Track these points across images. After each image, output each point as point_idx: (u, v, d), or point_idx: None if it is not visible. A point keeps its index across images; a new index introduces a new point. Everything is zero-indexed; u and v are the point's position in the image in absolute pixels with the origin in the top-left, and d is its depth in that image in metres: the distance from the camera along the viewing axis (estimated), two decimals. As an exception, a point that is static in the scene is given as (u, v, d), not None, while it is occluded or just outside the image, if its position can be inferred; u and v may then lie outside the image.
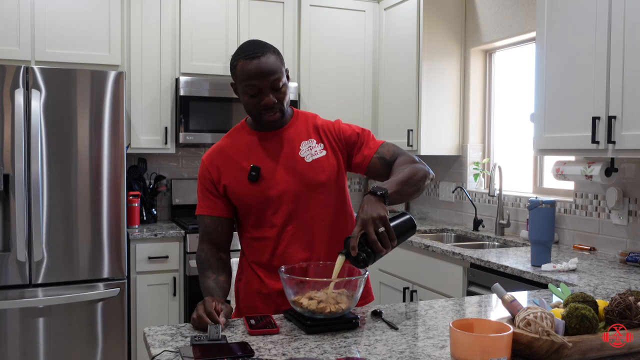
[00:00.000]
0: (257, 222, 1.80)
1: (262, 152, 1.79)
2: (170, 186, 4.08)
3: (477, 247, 3.36)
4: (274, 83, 1.70)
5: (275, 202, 1.76)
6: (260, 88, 1.70)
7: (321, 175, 1.78)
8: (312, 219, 1.78)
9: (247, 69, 1.69)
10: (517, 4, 3.45)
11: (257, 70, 1.68)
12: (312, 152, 1.80)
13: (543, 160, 3.42)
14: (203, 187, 1.83)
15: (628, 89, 2.30)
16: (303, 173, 1.77)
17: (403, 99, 3.94)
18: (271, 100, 1.71)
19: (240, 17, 3.92)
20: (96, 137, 3.21)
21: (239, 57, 1.71)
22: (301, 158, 1.79)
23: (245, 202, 1.78)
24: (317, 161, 1.79)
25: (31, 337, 3.10)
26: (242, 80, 1.71)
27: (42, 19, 3.46)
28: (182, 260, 3.54)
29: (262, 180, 1.76)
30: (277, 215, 1.77)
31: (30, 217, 3.07)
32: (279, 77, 1.71)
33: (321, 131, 1.84)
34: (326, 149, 1.82)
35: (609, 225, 2.85)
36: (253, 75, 1.68)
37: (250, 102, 1.73)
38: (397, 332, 1.49)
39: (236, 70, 1.73)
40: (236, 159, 1.79)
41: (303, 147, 1.80)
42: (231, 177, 1.78)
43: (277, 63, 1.71)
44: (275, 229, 1.78)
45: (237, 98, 3.84)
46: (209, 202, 1.81)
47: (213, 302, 1.53)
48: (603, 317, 1.39)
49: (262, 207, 1.77)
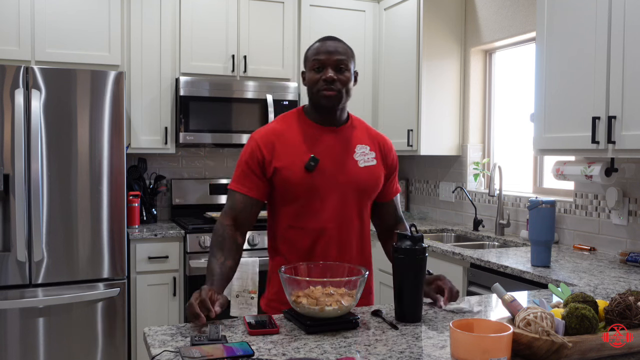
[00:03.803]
0: (299, 211, 1.80)
1: (321, 144, 1.81)
2: (170, 186, 4.08)
3: (477, 247, 3.36)
4: (339, 63, 1.78)
5: (323, 197, 1.79)
6: (325, 63, 1.78)
7: (369, 183, 1.85)
8: (351, 222, 1.84)
9: (319, 47, 1.81)
10: (517, 4, 3.45)
11: (327, 48, 1.79)
12: (365, 158, 1.86)
13: (543, 160, 3.42)
14: (246, 165, 1.80)
15: (628, 89, 2.30)
16: (354, 176, 1.82)
17: (403, 99, 3.94)
18: (332, 76, 1.76)
19: (240, 17, 3.92)
20: (96, 137, 3.21)
21: (316, 42, 1.84)
22: (355, 161, 1.84)
23: (294, 189, 1.78)
24: (368, 168, 1.86)
25: (31, 337, 3.10)
26: (312, 56, 1.81)
27: (42, 19, 3.46)
28: (182, 260, 3.54)
29: (317, 172, 1.78)
30: (322, 210, 1.79)
31: (30, 217, 3.07)
32: (346, 60, 1.80)
33: (375, 141, 1.92)
34: (377, 159, 1.89)
35: (609, 225, 2.85)
36: (322, 51, 1.79)
37: (313, 77, 1.79)
38: (397, 332, 1.49)
39: (308, 53, 1.84)
40: (296, 144, 1.80)
41: (358, 151, 1.85)
42: (287, 160, 1.78)
43: (348, 52, 1.82)
44: (317, 223, 1.80)
45: (237, 98, 3.87)
46: (248, 182, 1.79)
47: (209, 292, 1.55)
48: (603, 317, 1.39)
49: (308, 199, 1.79)
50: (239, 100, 3.85)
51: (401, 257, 1.56)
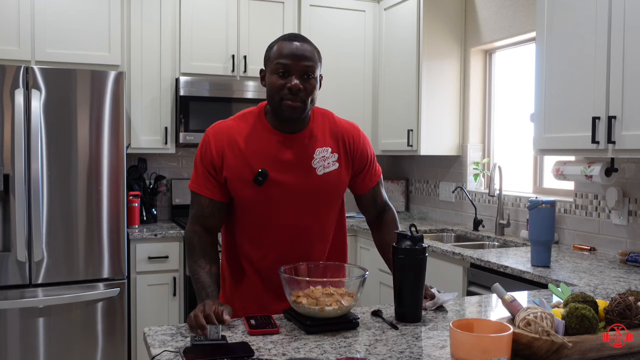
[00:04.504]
0: (252, 222, 1.76)
1: (275, 154, 1.70)
2: (170, 186, 4.08)
3: (477, 247, 3.36)
4: (306, 69, 1.64)
5: (275, 209, 1.72)
6: (290, 69, 1.63)
7: (327, 190, 1.75)
8: (309, 231, 1.77)
9: (283, 48, 1.64)
10: (517, 4, 3.45)
11: (294, 51, 1.63)
12: (325, 164, 1.74)
13: (543, 160, 3.42)
14: (204, 167, 1.72)
15: (628, 89, 2.30)
16: (310, 186, 1.72)
17: (403, 99, 3.94)
18: (297, 85, 1.62)
19: (240, 17, 3.92)
20: (96, 137, 3.21)
21: (278, 40, 1.68)
22: (312, 169, 1.72)
23: (244, 201, 1.73)
24: (327, 175, 1.74)
25: (31, 337, 3.10)
26: (275, 58, 1.65)
27: (42, 19, 3.46)
28: (182, 260, 3.54)
29: (267, 186, 1.69)
30: (275, 222, 1.74)
31: (30, 217, 3.07)
32: (313, 67, 1.65)
33: (338, 138, 1.78)
34: (339, 161, 1.76)
35: (609, 225, 2.85)
36: (287, 55, 1.63)
37: (276, 83, 1.64)
38: (397, 332, 1.49)
39: (271, 51, 1.68)
40: (246, 154, 1.69)
41: (317, 156, 1.73)
42: (235, 172, 1.70)
43: (315, 56, 1.67)
44: (270, 235, 1.75)
45: (237, 98, 3.87)
46: (209, 185, 1.72)
47: (213, 306, 1.52)
48: (603, 317, 1.39)
49: (260, 210, 1.73)
50: (239, 100, 3.85)
51: (401, 257, 1.56)
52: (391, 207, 1.95)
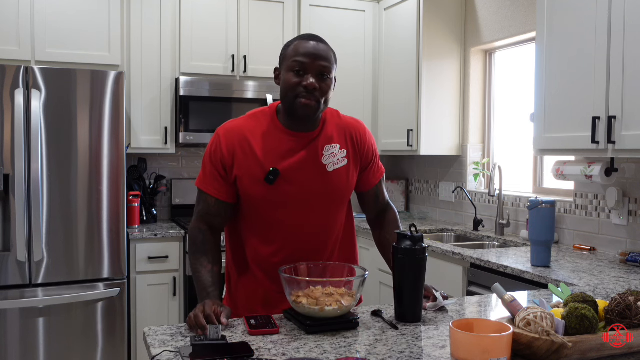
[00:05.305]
0: (263, 220, 1.75)
1: (286, 153, 1.70)
2: (170, 186, 4.08)
3: (477, 247, 3.36)
4: (322, 69, 1.65)
5: (286, 208, 1.72)
6: (307, 68, 1.64)
7: (338, 187, 1.76)
8: (319, 229, 1.77)
9: (301, 47, 1.66)
10: (517, 4, 3.45)
11: (311, 50, 1.65)
12: (335, 160, 1.74)
13: (543, 160, 3.42)
14: (212, 166, 1.72)
15: (628, 89, 2.30)
16: (322, 183, 1.73)
17: (403, 99, 3.94)
18: (314, 84, 1.63)
19: (240, 17, 3.92)
20: (96, 137, 3.21)
21: (296, 39, 1.69)
22: (323, 165, 1.73)
23: (254, 200, 1.72)
24: (337, 171, 1.75)
25: (31, 337, 3.10)
26: (292, 56, 1.65)
27: (42, 19, 3.46)
28: (182, 260, 3.54)
29: (278, 184, 1.69)
30: (285, 222, 1.73)
31: (30, 217, 3.07)
32: (329, 67, 1.66)
33: (346, 134, 1.79)
34: (348, 158, 1.77)
35: (609, 225, 2.85)
36: (305, 54, 1.64)
37: (292, 81, 1.64)
38: (397, 332, 1.49)
39: (288, 49, 1.68)
40: (257, 153, 1.69)
41: (326, 153, 1.73)
42: (246, 170, 1.69)
43: (332, 57, 1.68)
44: (280, 234, 1.75)
45: (237, 98, 3.87)
46: (217, 185, 1.72)
47: (213, 306, 1.52)
48: (603, 317, 1.39)
49: (270, 210, 1.73)
50: (239, 100, 3.85)
51: (401, 257, 1.56)
52: (393, 206, 1.96)
